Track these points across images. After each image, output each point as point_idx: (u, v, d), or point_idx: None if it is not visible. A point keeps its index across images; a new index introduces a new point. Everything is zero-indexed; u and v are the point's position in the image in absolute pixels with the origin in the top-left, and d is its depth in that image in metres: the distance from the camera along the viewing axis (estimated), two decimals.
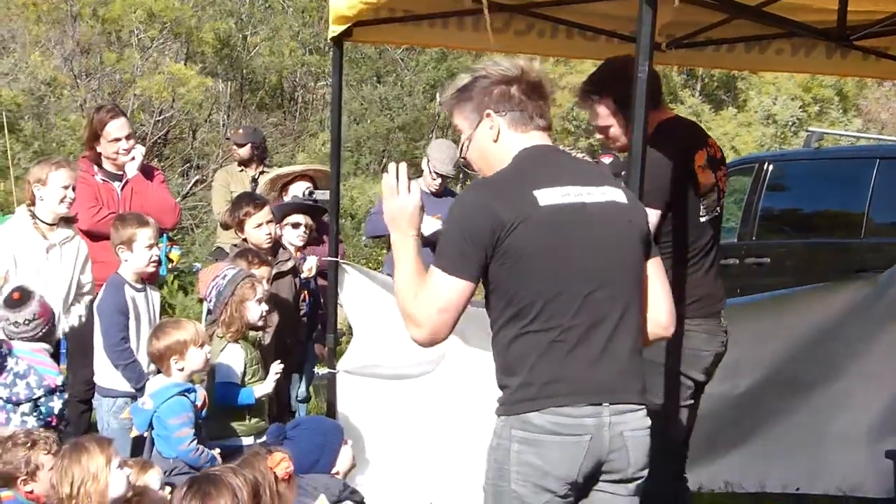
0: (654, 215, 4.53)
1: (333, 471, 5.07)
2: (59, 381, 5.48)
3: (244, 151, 9.25)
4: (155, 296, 6.20)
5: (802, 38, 6.46)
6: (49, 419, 5.36)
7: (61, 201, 6.19)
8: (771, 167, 10.36)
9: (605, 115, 4.91)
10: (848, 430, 6.80)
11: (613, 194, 3.60)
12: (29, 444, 4.42)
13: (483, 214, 3.43)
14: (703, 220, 4.92)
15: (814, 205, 10.59)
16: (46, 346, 5.61)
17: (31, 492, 4.38)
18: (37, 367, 5.42)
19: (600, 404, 3.46)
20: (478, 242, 3.42)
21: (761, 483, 6.78)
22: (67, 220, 6.37)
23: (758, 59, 6.92)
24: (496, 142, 3.65)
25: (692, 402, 4.89)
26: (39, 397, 5.35)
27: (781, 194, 10.59)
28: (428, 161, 8.13)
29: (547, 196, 3.46)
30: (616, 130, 4.90)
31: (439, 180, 8.05)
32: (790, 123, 26.50)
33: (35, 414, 5.34)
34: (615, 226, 3.56)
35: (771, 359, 6.39)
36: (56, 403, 5.39)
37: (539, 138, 3.65)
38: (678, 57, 6.54)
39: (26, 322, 5.50)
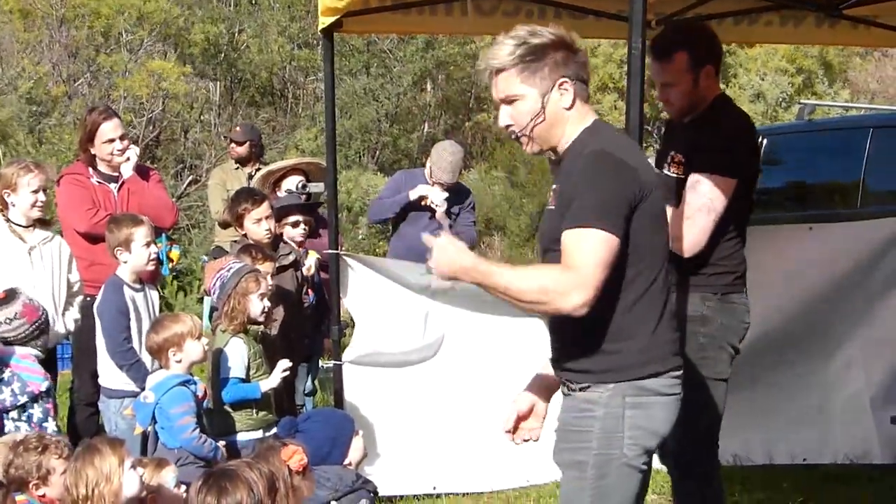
0: (730, 185, 4.64)
1: (346, 462, 5.09)
2: (43, 387, 5.50)
3: (243, 149, 9.25)
4: (154, 295, 6.19)
5: (791, 9, 6.46)
6: (43, 425, 5.39)
7: (32, 206, 6.19)
8: (765, 141, 10.36)
9: (676, 70, 4.83)
10: (853, 398, 6.82)
11: None
12: (40, 449, 4.41)
13: (631, 177, 3.42)
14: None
15: (809, 176, 10.60)
16: (35, 351, 5.62)
17: (44, 496, 4.38)
18: (21, 373, 5.45)
19: (680, 365, 3.62)
20: (629, 202, 3.39)
21: (769, 455, 6.80)
22: (44, 222, 6.35)
23: (747, 32, 6.94)
24: (569, 110, 3.55)
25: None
26: (24, 404, 5.38)
27: (776, 168, 10.59)
28: (431, 165, 8.03)
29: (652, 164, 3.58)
30: (679, 90, 4.85)
31: (440, 186, 7.96)
32: (780, 100, 26.48)
33: (24, 419, 5.37)
34: None
35: (773, 330, 6.39)
36: (36, 410, 5.42)
37: (592, 110, 3.64)
38: None
39: (7, 321, 5.52)
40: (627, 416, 3.47)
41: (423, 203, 7.89)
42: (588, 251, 3.31)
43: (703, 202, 4.62)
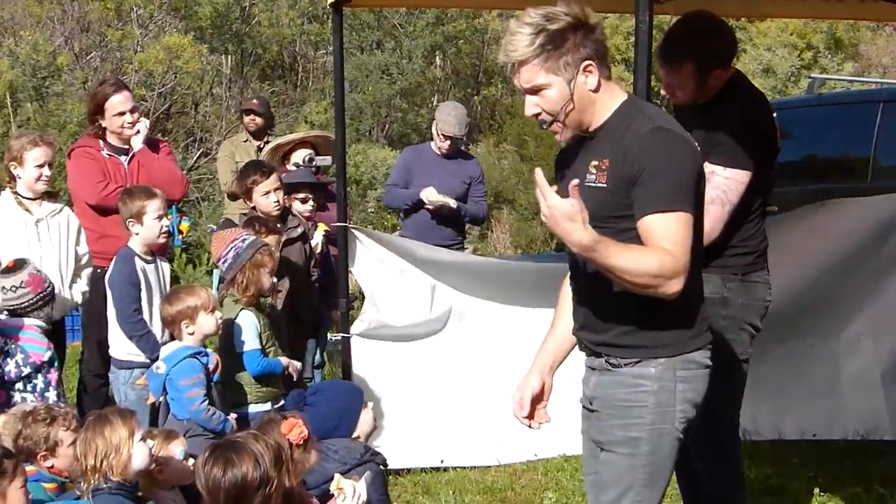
0: (744, 177, 4.62)
1: (354, 434, 5.08)
2: (45, 356, 5.53)
3: (262, 121, 9.28)
4: (165, 267, 6.20)
5: None
6: (45, 395, 5.41)
7: (38, 179, 6.20)
8: (775, 115, 10.28)
9: (683, 77, 4.80)
10: (862, 373, 6.78)
11: None
12: (48, 421, 4.42)
13: (695, 152, 3.49)
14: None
15: (820, 150, 10.53)
16: (38, 321, 5.64)
17: (52, 466, 4.39)
18: (23, 344, 5.49)
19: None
20: (697, 179, 3.47)
21: (778, 431, 6.77)
22: (51, 195, 6.36)
23: (756, 5, 6.90)
24: (596, 92, 3.52)
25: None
26: (28, 374, 5.39)
27: (786, 142, 10.51)
28: (436, 124, 8.13)
29: None
30: (685, 92, 4.83)
31: (448, 142, 8.04)
32: (790, 74, 26.36)
33: (30, 390, 5.40)
34: None
35: (782, 305, 6.36)
36: (38, 381, 5.43)
37: (617, 85, 3.62)
38: (676, 7, 6.46)
39: (13, 289, 5.56)
40: (679, 389, 3.52)
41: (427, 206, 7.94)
42: (682, 236, 3.36)
43: (716, 194, 4.58)
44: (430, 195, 7.87)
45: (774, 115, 5.07)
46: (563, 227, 3.22)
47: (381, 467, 5.09)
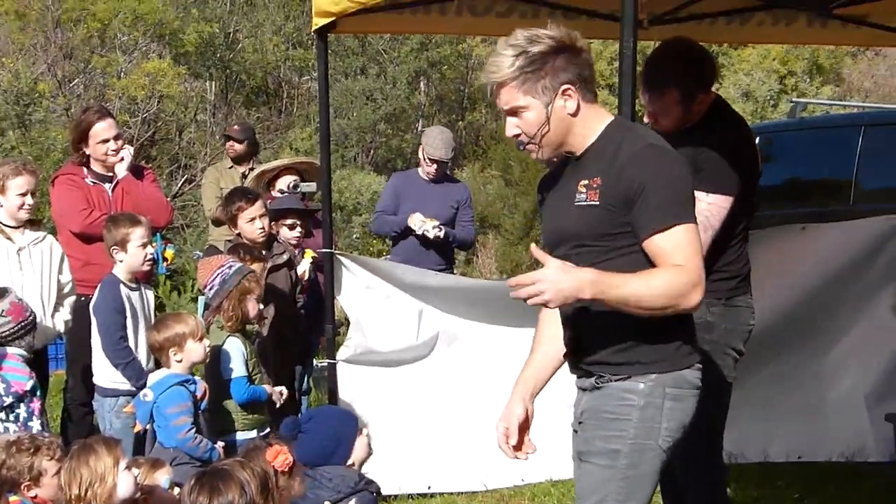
0: (727, 202, 4.66)
1: (349, 461, 5.06)
2: (27, 386, 5.50)
3: (242, 147, 9.23)
4: (150, 294, 6.19)
5: (783, 9, 6.46)
6: (28, 424, 5.38)
7: (20, 207, 6.14)
8: (757, 139, 10.34)
9: (666, 104, 4.82)
10: (848, 395, 6.81)
11: None
12: (32, 450, 4.39)
13: (688, 168, 3.56)
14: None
15: (802, 174, 10.59)
16: (20, 351, 5.60)
17: (36, 496, 4.37)
18: (5, 373, 5.45)
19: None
20: (693, 192, 3.53)
21: (764, 453, 6.79)
22: (34, 223, 6.31)
23: (739, 32, 6.94)
24: (575, 116, 3.51)
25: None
26: (10, 404, 5.37)
27: (769, 165, 10.57)
28: (423, 148, 8.15)
29: None
30: (669, 119, 4.83)
31: (435, 166, 8.05)
32: (768, 98, 26.48)
33: (13, 420, 5.37)
34: None
35: (768, 327, 6.38)
36: (21, 410, 5.41)
37: (602, 108, 3.63)
38: (660, 33, 6.51)
39: None
40: (667, 407, 3.51)
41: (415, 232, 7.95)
42: (691, 247, 3.39)
43: (699, 220, 4.60)
44: (415, 221, 7.88)
45: (756, 139, 5.10)
46: (563, 281, 3.25)
47: (375, 495, 5.08)
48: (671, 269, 3.36)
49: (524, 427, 3.77)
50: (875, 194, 9.52)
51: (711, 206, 4.62)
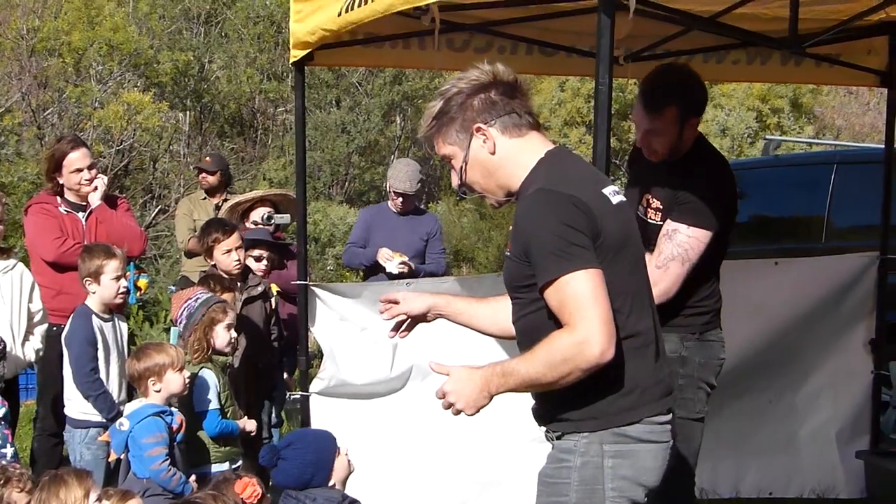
0: (706, 237, 4.68)
1: (331, 482, 5.03)
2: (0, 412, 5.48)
3: (214, 178, 9.23)
4: (123, 326, 6.17)
5: (758, 47, 6.55)
6: (2, 451, 5.36)
7: None
8: None
9: (664, 123, 4.83)
10: (819, 432, 6.88)
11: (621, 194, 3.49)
12: (2, 482, 4.38)
13: (581, 209, 3.17)
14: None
15: (775, 211, 10.68)
16: None
17: None
18: None
19: (671, 409, 3.43)
20: (587, 233, 3.16)
21: (736, 488, 6.82)
22: (4, 251, 6.25)
23: (715, 70, 7.00)
24: (495, 154, 3.36)
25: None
26: None
27: (743, 202, 10.65)
28: (388, 181, 8.22)
29: (610, 194, 3.35)
30: (664, 140, 4.86)
31: (401, 199, 8.10)
32: (745, 135, 26.69)
33: None
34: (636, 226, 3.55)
35: (741, 362, 6.43)
36: None
37: (540, 139, 3.42)
38: (636, 70, 6.59)
39: None
40: (608, 465, 3.27)
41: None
42: (575, 301, 3.09)
43: (678, 252, 4.66)
44: (382, 256, 7.90)
45: None
46: (464, 388, 3.24)
47: None
48: (553, 336, 3.13)
49: (414, 318, 3.88)
50: (847, 232, 9.60)
51: (691, 240, 4.67)
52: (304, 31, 5.75)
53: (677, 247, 4.66)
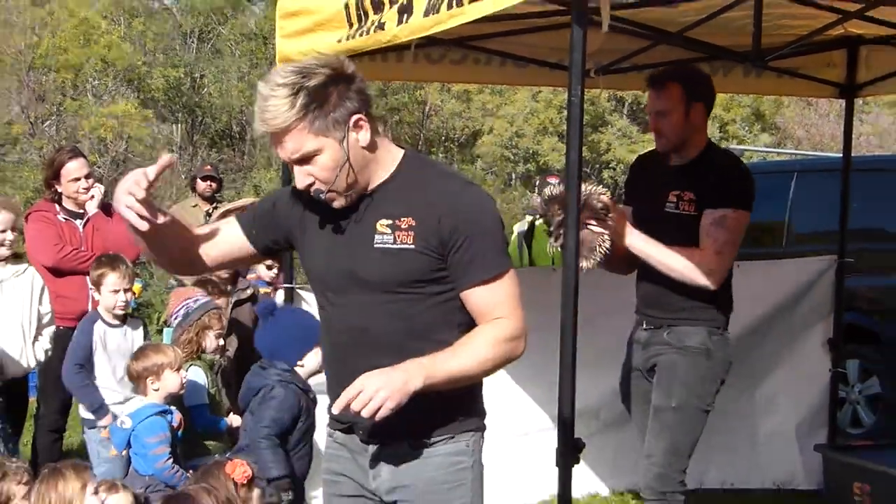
0: (747, 217, 4.72)
1: (299, 362, 4.96)
2: None
3: (216, 185, 9.33)
4: (135, 333, 6.04)
5: (721, 59, 6.58)
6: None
7: (0, 244, 6.11)
8: None
9: (669, 98, 4.79)
10: (779, 427, 6.91)
11: None
12: (1, 475, 4.37)
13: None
14: None
15: None
16: None
17: None
18: None
19: None
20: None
21: (700, 481, 6.84)
22: (17, 256, 6.25)
23: None
24: (368, 148, 2.96)
25: None
26: None
27: None
28: None
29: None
30: (672, 120, 4.80)
31: None
32: None
33: None
34: None
35: None
36: None
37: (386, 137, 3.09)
38: (606, 82, 6.61)
39: None
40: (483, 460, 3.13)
41: None
42: (514, 297, 2.96)
43: (730, 237, 4.62)
44: None
45: None
46: (391, 378, 2.77)
47: (313, 401, 5.03)
48: (493, 332, 2.93)
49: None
50: (806, 237, 9.65)
51: (737, 223, 4.65)
52: (296, 51, 5.70)
53: (730, 232, 4.60)
